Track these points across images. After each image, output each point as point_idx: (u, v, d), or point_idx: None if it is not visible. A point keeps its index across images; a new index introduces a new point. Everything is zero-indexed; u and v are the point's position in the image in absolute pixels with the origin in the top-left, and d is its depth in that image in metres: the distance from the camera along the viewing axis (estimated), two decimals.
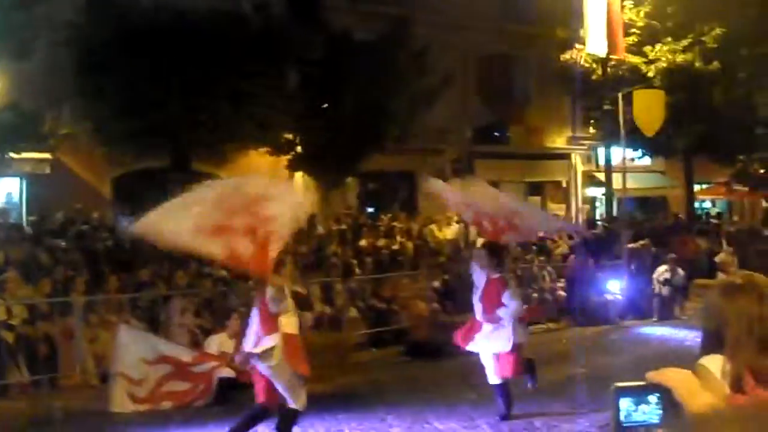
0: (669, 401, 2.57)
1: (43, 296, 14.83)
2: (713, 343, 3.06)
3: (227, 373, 13.43)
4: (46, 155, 21.64)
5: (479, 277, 11.99)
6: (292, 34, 20.93)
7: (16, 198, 23.14)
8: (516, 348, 11.71)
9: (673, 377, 2.56)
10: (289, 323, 10.39)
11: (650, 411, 2.62)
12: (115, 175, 24.09)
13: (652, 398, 2.62)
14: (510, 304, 11.58)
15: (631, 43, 27.33)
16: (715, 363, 2.95)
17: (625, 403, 2.53)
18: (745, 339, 2.91)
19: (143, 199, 23.00)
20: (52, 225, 19.41)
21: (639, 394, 2.68)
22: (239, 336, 13.96)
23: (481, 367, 12.60)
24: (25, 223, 20.45)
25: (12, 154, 19.01)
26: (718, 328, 3.06)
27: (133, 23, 19.22)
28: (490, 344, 11.77)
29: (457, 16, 28.75)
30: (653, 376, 2.58)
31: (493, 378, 11.91)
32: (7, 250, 16.68)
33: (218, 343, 14.00)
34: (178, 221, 10.17)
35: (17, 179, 22.73)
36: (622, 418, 2.50)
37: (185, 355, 13.33)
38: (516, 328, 11.68)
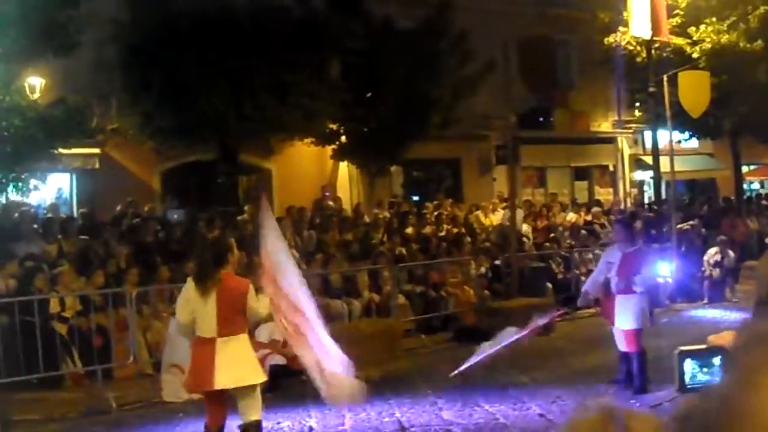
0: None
1: (96, 288, 15.03)
2: (762, 307, 3.08)
3: (278, 360, 13.56)
4: (95, 150, 21.94)
5: (614, 253, 12.48)
6: (333, 24, 21.00)
7: (66, 193, 23.45)
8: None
9: (730, 337, 2.59)
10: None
11: (713, 372, 2.66)
12: (163, 169, 24.34)
13: (716, 360, 2.67)
14: (644, 273, 12.18)
15: (674, 24, 27.10)
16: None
17: (689, 366, 2.55)
18: None
19: (192, 192, 23.51)
20: (104, 218, 19.67)
21: (703, 357, 2.72)
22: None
23: (531, 351, 12.62)
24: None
25: (61, 150, 19.23)
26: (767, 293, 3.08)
27: (177, 17, 19.39)
28: (621, 319, 12.14)
29: (497, 1, 28.69)
30: (715, 339, 2.61)
31: (623, 347, 12.27)
32: (60, 243, 16.95)
33: (269, 331, 14.09)
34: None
35: (67, 174, 23.03)
36: (687, 379, 2.52)
37: None
38: (646, 308, 12.17)
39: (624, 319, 12.09)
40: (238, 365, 8.76)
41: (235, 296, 8.84)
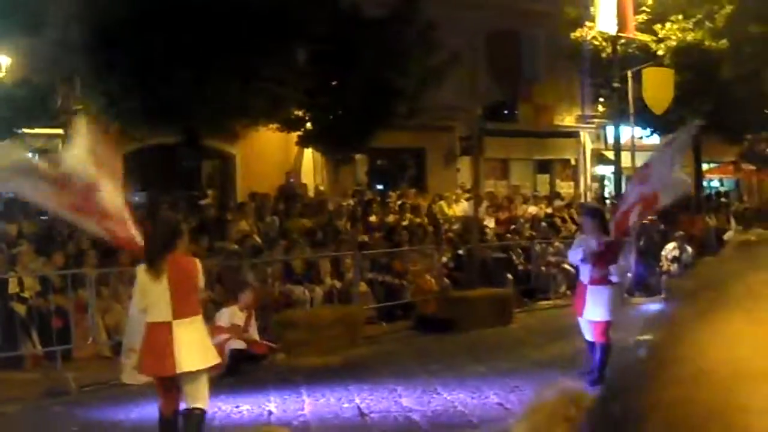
0: None
1: (55, 269, 14.97)
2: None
3: (239, 344, 13.59)
4: (59, 131, 21.74)
5: (588, 242, 12.27)
6: (301, 10, 20.95)
7: None
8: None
9: None
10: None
11: None
12: (127, 151, 24.14)
13: None
14: (619, 264, 12.16)
15: (640, 21, 27.29)
16: None
17: None
18: None
19: (155, 175, 23.40)
20: None
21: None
22: (251, 309, 14.15)
23: (491, 341, 12.72)
24: None
25: (24, 130, 19.10)
26: None
27: None
28: (592, 310, 12.11)
29: None
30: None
31: (591, 337, 12.27)
32: (20, 224, 16.84)
33: (229, 315, 14.11)
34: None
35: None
36: None
37: None
38: (617, 300, 12.24)
39: (595, 310, 12.09)
40: (197, 348, 8.69)
41: (186, 276, 8.79)
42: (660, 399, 0.67)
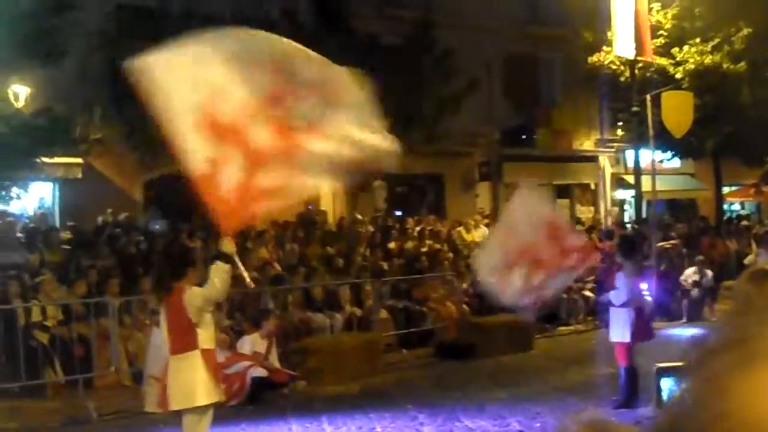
0: None
1: (77, 298, 15.02)
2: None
3: (260, 372, 13.59)
4: (78, 160, 21.86)
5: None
6: (319, 38, 21.03)
7: (48, 202, 23.38)
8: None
9: None
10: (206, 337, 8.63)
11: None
12: (146, 179, 24.29)
13: None
14: (621, 287, 12.22)
15: (658, 45, 27.31)
16: None
17: (667, 383, 2.58)
18: None
19: (174, 203, 23.46)
20: (85, 228, 19.70)
21: (681, 374, 2.76)
22: (272, 336, 14.16)
23: (511, 367, 12.66)
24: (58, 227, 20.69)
25: (44, 159, 19.20)
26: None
27: (161, 28, 19.39)
28: (612, 331, 12.37)
29: (481, 18, 28.82)
30: None
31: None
32: (42, 253, 16.93)
33: (251, 343, 14.13)
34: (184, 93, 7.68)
35: (50, 184, 22.97)
36: (664, 397, 2.56)
37: (218, 356, 13.46)
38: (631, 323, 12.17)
39: (613, 331, 12.29)
40: (188, 385, 8.39)
41: (180, 310, 8.39)
42: None
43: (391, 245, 21.89)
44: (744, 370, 0.72)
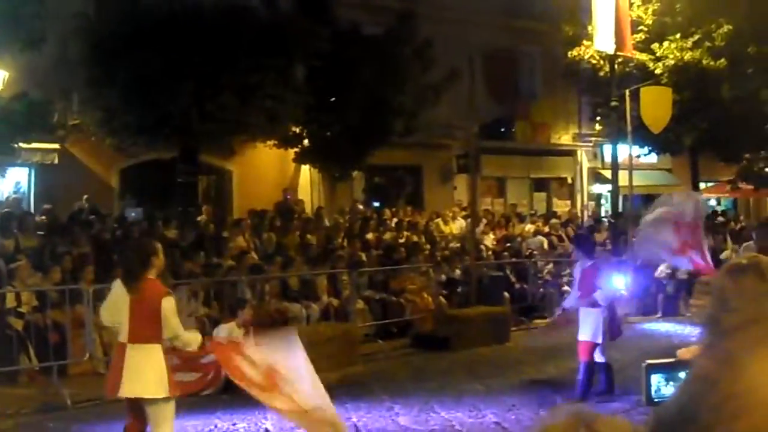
0: None
1: (52, 284, 14.93)
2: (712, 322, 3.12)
3: None
4: (55, 145, 21.72)
5: (577, 267, 12.99)
6: (299, 27, 20.97)
7: (24, 187, 23.21)
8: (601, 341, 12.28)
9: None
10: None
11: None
12: (123, 166, 24.17)
13: (682, 374, 2.70)
14: (604, 288, 12.29)
15: (638, 40, 27.34)
16: None
17: (656, 379, 2.57)
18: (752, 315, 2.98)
19: (151, 190, 23.37)
20: (61, 214, 19.58)
21: (669, 371, 2.76)
22: (249, 326, 14.09)
23: (488, 359, 12.67)
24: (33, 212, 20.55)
25: (21, 144, 19.07)
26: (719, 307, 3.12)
27: (142, 13, 19.29)
28: (583, 329, 12.34)
29: (462, 11, 28.83)
30: (683, 353, 2.65)
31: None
32: (17, 238, 16.80)
33: (227, 332, 14.05)
34: None
35: (26, 169, 22.80)
36: (652, 393, 2.55)
37: None
38: (605, 324, 12.22)
39: (583, 331, 12.27)
40: (143, 375, 8.37)
41: (149, 303, 8.43)
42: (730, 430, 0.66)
43: (369, 236, 21.87)
44: (758, 349, 0.70)
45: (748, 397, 0.62)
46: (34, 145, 20.39)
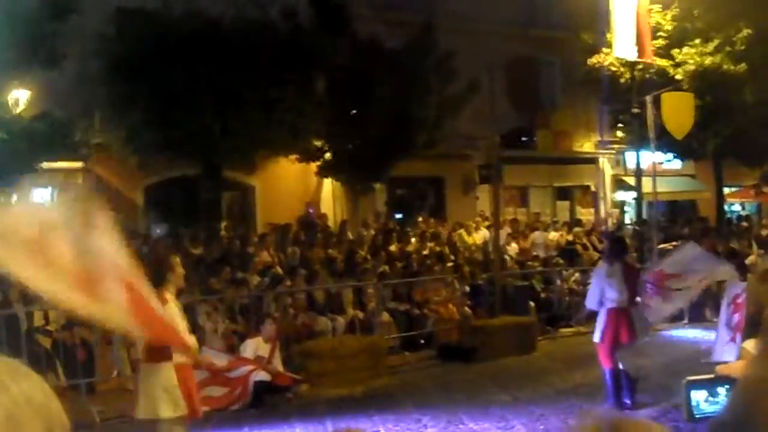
0: None
1: None
2: (752, 326, 3.13)
3: (263, 376, 13.56)
4: (78, 164, 21.84)
5: (609, 268, 12.76)
6: (320, 41, 21.05)
7: None
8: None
9: (738, 368, 2.64)
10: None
11: (720, 401, 2.71)
12: (147, 184, 24.29)
13: (722, 390, 2.71)
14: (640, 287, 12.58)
15: (658, 46, 27.27)
16: (753, 344, 3.01)
17: (697, 395, 2.58)
18: None
19: (175, 207, 23.49)
20: None
21: (710, 386, 2.78)
22: (274, 340, 14.13)
23: (514, 369, 12.63)
24: None
25: (44, 164, 19.18)
26: (755, 311, 3.13)
27: (163, 31, 19.41)
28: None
29: (481, 22, 28.86)
30: (723, 369, 2.66)
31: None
32: None
33: (254, 347, 14.10)
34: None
35: (49, 189, 22.91)
36: (693, 409, 2.56)
37: (221, 360, 13.46)
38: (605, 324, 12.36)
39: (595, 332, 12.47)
40: (155, 395, 8.34)
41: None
42: None
43: (392, 248, 21.87)
44: None
45: None
46: (58, 164, 20.50)
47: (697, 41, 27.85)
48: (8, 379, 1.10)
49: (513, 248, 24.03)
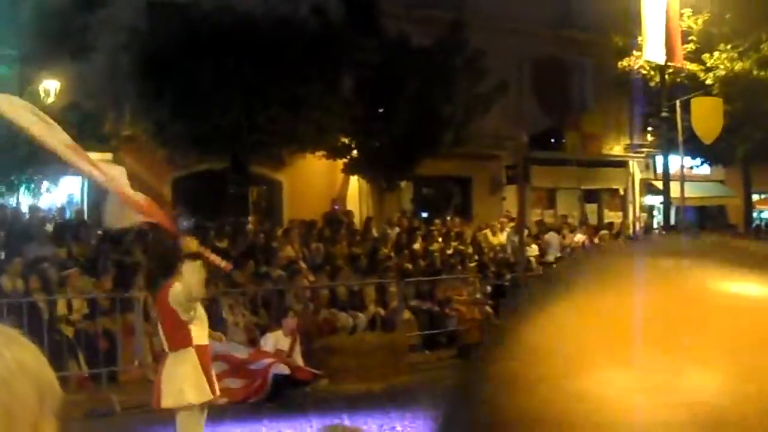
0: None
1: (103, 292, 15.12)
2: None
3: (282, 369, 13.60)
4: (108, 155, 21.95)
5: None
6: (348, 39, 21.10)
7: (77, 198, 23.50)
8: None
9: None
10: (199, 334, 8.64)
11: None
12: (175, 177, 24.39)
13: None
14: None
15: (688, 50, 27.10)
16: None
17: None
18: None
19: (203, 201, 23.60)
20: None
21: None
22: (295, 334, 14.18)
23: None
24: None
25: None
26: None
27: (193, 27, 19.52)
28: None
29: (512, 21, 28.77)
30: None
31: None
32: (69, 247, 17.04)
33: (274, 340, 14.15)
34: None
35: (78, 178, 23.09)
36: None
37: (241, 353, 13.53)
38: None
39: None
40: (181, 382, 8.36)
41: (170, 307, 8.37)
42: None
43: (416, 246, 21.88)
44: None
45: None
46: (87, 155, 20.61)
47: (728, 46, 27.65)
48: (1, 345, 1.15)
49: (533, 249, 23.95)
